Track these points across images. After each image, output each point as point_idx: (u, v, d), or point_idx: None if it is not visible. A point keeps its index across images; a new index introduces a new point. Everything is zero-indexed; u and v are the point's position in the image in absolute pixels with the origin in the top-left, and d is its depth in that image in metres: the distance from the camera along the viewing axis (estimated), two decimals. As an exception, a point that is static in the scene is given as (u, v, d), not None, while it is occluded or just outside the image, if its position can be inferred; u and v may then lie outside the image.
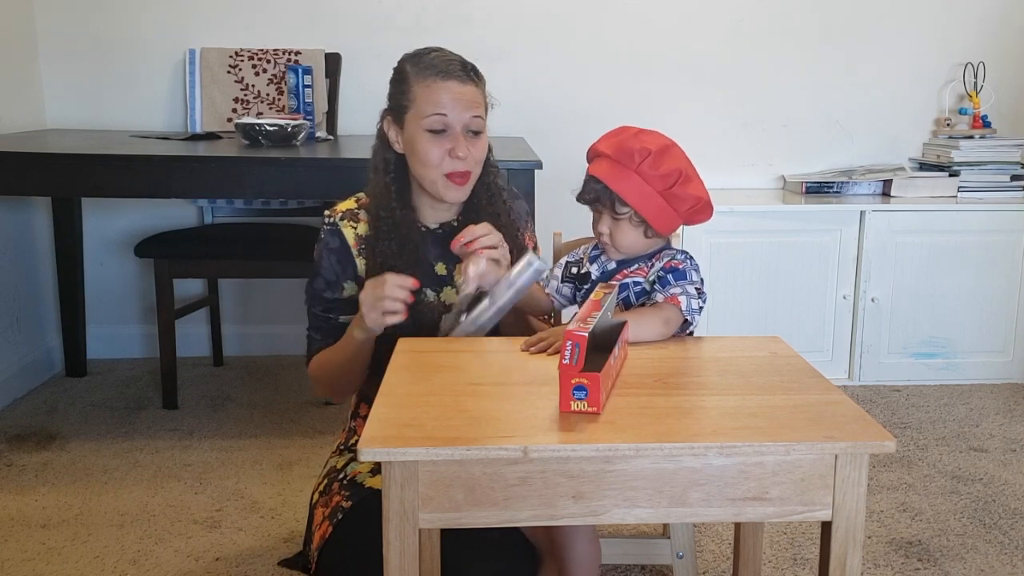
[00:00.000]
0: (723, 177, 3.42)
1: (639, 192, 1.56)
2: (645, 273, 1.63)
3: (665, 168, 1.56)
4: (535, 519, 1.15)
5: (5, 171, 2.49)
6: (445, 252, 1.73)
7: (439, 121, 1.62)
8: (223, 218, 3.34)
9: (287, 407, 2.98)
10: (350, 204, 1.75)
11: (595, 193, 1.59)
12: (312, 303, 1.75)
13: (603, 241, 1.62)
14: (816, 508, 1.16)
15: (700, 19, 3.37)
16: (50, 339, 3.30)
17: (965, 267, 3.20)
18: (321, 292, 1.72)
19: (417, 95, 1.63)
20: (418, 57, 1.67)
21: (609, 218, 1.59)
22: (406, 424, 1.17)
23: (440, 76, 1.63)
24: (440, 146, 1.63)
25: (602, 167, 1.59)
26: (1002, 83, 3.48)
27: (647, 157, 1.55)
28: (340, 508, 1.62)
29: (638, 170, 1.56)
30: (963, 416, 2.97)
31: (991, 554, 2.13)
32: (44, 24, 3.24)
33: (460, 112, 1.63)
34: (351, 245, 1.71)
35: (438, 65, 1.64)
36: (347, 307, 1.71)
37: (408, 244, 1.69)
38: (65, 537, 2.15)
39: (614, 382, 1.31)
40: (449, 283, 1.73)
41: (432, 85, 1.63)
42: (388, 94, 1.71)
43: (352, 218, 1.73)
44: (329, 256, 1.72)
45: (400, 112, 1.67)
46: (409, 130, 1.65)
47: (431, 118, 1.62)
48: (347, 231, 1.72)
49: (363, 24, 3.30)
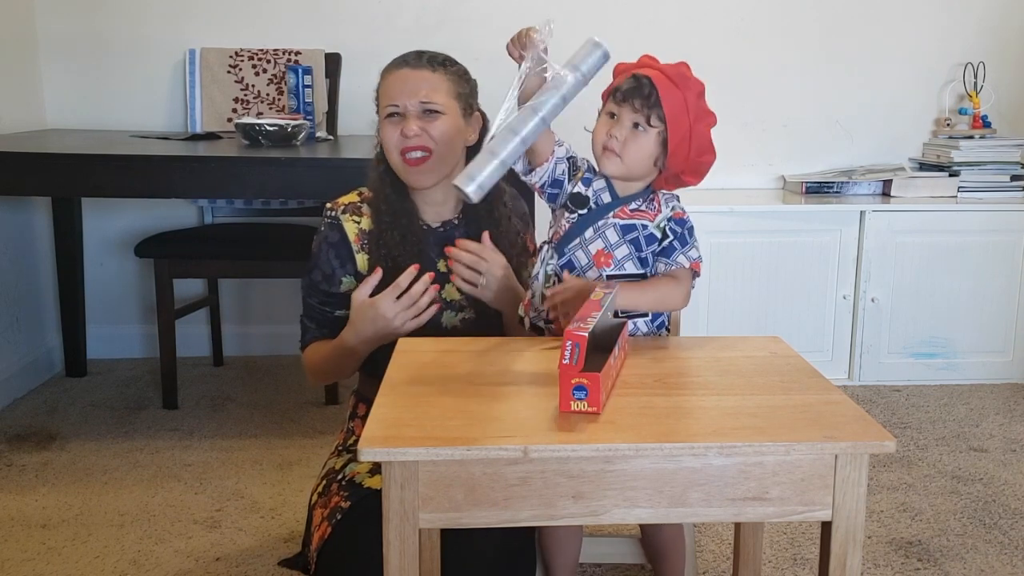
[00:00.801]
0: (723, 177, 3.41)
1: (679, 113, 1.50)
2: (651, 217, 1.57)
3: (705, 106, 1.54)
4: (535, 519, 1.15)
5: (5, 171, 2.49)
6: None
7: (392, 107, 1.68)
8: (223, 218, 3.34)
9: (287, 407, 2.98)
10: (352, 198, 1.77)
11: (642, 91, 1.50)
12: (308, 294, 1.76)
13: (610, 145, 1.53)
14: (816, 508, 1.16)
15: (700, 19, 3.37)
16: (50, 339, 3.30)
17: (965, 267, 3.20)
18: (318, 284, 1.73)
19: (381, 90, 1.72)
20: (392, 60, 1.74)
21: (629, 124, 1.52)
22: (406, 424, 1.17)
23: (395, 67, 1.71)
24: (395, 129, 1.68)
25: (653, 75, 1.52)
26: (1002, 83, 3.48)
27: (701, 89, 1.54)
28: (339, 509, 1.62)
29: (686, 96, 1.51)
30: (963, 416, 2.97)
31: (991, 554, 2.13)
32: (44, 24, 3.24)
33: (409, 95, 1.68)
34: (352, 240, 1.72)
35: (397, 59, 1.72)
36: (343, 301, 1.72)
37: (411, 235, 1.71)
38: (65, 537, 2.15)
39: (614, 382, 1.31)
40: (449, 281, 1.74)
41: (388, 77, 1.71)
42: None
43: (355, 212, 1.74)
44: (328, 250, 1.72)
45: (378, 112, 1.73)
46: (380, 125, 1.72)
47: (387, 106, 1.69)
48: (348, 225, 1.72)
49: (363, 24, 3.30)
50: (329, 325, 1.74)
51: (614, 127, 1.53)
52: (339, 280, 1.72)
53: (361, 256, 1.72)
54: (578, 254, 1.57)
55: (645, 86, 1.51)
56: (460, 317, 1.74)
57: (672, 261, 1.56)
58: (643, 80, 1.51)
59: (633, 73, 1.54)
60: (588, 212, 1.57)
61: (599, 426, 1.17)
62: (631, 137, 1.52)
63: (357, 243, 1.72)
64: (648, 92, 1.51)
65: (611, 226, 1.56)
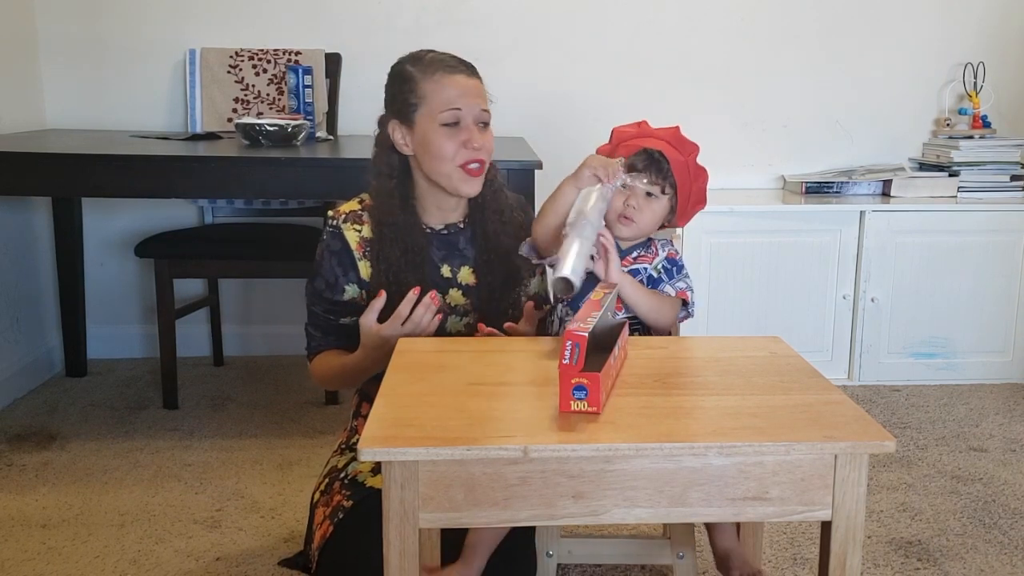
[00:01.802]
0: (723, 177, 3.41)
1: (684, 178, 1.68)
2: (650, 260, 1.70)
3: (699, 165, 1.71)
4: (535, 519, 1.15)
5: (5, 171, 2.49)
6: (450, 253, 1.73)
7: (453, 115, 1.63)
8: (223, 218, 3.34)
9: (287, 407, 2.98)
10: (354, 205, 1.75)
11: (657, 166, 1.66)
12: (312, 301, 1.75)
13: (628, 214, 1.65)
14: (816, 508, 1.17)
15: (700, 19, 3.37)
16: (50, 339, 3.30)
17: (965, 267, 3.20)
18: (321, 292, 1.72)
19: (427, 92, 1.64)
20: (417, 58, 1.68)
21: (643, 193, 1.65)
22: (406, 424, 1.17)
23: (448, 70, 1.65)
24: (455, 139, 1.64)
25: (662, 147, 1.68)
26: (1002, 83, 3.48)
27: (697, 151, 1.70)
28: (341, 507, 1.62)
29: (687, 160, 1.69)
30: (963, 416, 2.97)
31: (991, 554, 2.13)
32: (44, 24, 3.24)
33: (471, 104, 1.64)
34: (354, 248, 1.70)
35: (444, 60, 1.66)
36: (347, 309, 1.71)
37: (412, 249, 1.69)
38: (65, 537, 2.15)
39: (614, 382, 1.31)
40: (454, 285, 1.73)
41: (442, 80, 1.63)
42: (388, 97, 1.71)
43: (356, 220, 1.72)
44: (330, 258, 1.71)
45: (408, 112, 1.66)
46: (422, 128, 1.65)
47: (446, 112, 1.63)
48: (350, 234, 1.71)
49: (363, 24, 3.30)
50: (334, 332, 1.73)
51: (630, 197, 1.66)
52: (342, 288, 1.71)
53: (364, 264, 1.70)
54: None
55: (658, 160, 1.67)
56: (464, 322, 1.74)
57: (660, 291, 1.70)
58: (654, 154, 1.67)
59: (644, 148, 1.68)
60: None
61: (599, 426, 1.17)
62: (645, 204, 1.67)
63: (359, 251, 1.71)
64: (662, 166, 1.67)
65: None
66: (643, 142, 1.70)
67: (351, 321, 1.69)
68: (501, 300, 1.75)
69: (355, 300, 1.70)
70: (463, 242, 1.75)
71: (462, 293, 1.73)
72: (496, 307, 1.74)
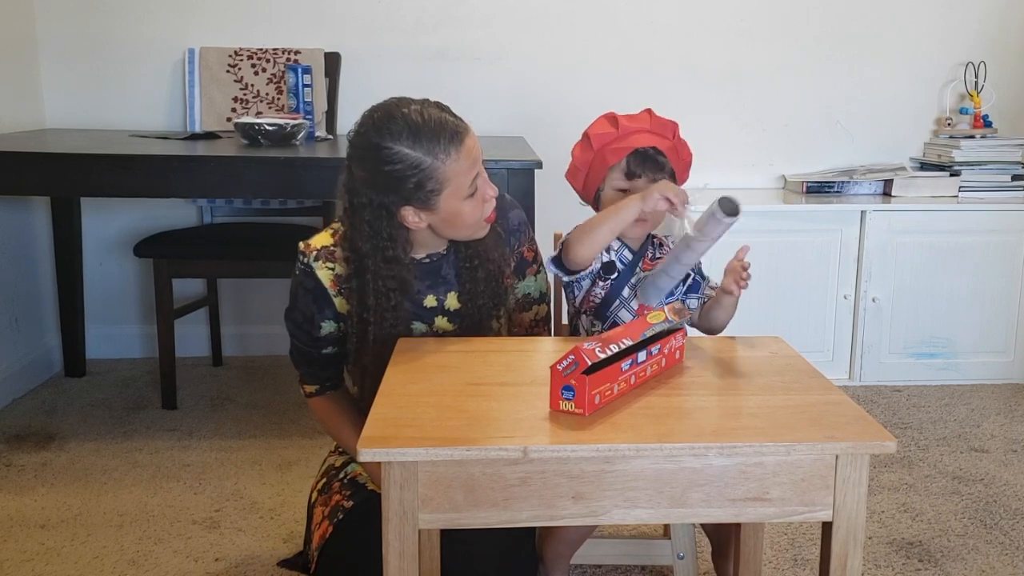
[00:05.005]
0: (723, 177, 3.41)
1: (677, 161, 1.72)
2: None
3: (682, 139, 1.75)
4: (535, 519, 1.15)
5: (5, 171, 2.48)
6: (434, 283, 1.66)
7: (475, 183, 1.55)
8: (222, 218, 3.34)
9: (287, 407, 2.98)
10: (325, 240, 1.64)
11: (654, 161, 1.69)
12: (292, 332, 1.70)
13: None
14: (817, 508, 1.16)
15: (700, 19, 3.37)
16: (49, 339, 3.30)
17: (966, 267, 3.20)
18: (300, 324, 1.67)
19: (448, 175, 1.51)
20: (412, 132, 1.49)
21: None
22: (406, 424, 1.17)
23: (454, 140, 1.50)
24: (479, 200, 1.57)
25: (653, 140, 1.70)
26: (1003, 83, 3.48)
27: (675, 128, 1.74)
28: (340, 508, 1.62)
29: (674, 142, 1.72)
30: (964, 416, 2.97)
31: (992, 555, 2.12)
32: (44, 24, 3.24)
33: (480, 161, 1.57)
34: (327, 286, 1.62)
35: (443, 127, 1.50)
36: (327, 341, 1.67)
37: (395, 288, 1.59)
38: (64, 537, 2.15)
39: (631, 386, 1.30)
40: (439, 312, 1.67)
41: (459, 157, 1.51)
42: (390, 183, 1.51)
43: (328, 258, 1.62)
44: (305, 295, 1.64)
45: (428, 198, 1.52)
46: (448, 207, 1.54)
47: (471, 186, 1.54)
48: (322, 272, 1.62)
49: (363, 24, 3.30)
50: (319, 362, 1.70)
51: None
52: (319, 324, 1.65)
53: (339, 300, 1.63)
54: (621, 314, 1.73)
55: (652, 156, 1.71)
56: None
57: (702, 295, 1.77)
58: (648, 152, 1.71)
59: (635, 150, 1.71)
60: (619, 275, 1.73)
61: (599, 426, 1.16)
62: None
63: (334, 288, 1.62)
64: (658, 160, 1.71)
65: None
66: (628, 142, 1.71)
67: (333, 351, 1.68)
68: (488, 316, 1.70)
69: (332, 334, 1.66)
70: (445, 267, 1.68)
71: (447, 320, 1.68)
72: (482, 324, 1.68)
